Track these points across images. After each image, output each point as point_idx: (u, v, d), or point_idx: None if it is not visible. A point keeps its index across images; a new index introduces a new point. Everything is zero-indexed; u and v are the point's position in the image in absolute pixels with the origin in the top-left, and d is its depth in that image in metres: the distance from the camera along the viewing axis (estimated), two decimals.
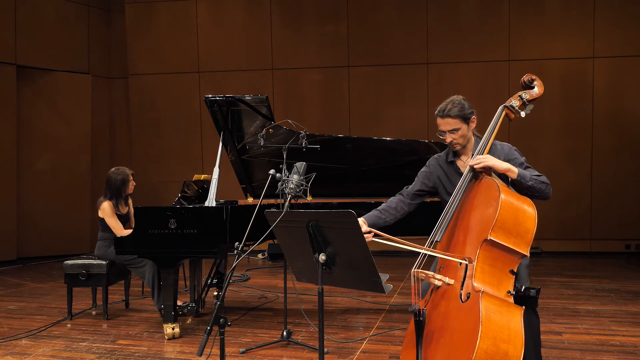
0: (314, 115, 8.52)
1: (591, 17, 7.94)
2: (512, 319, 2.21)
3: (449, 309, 2.37)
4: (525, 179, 2.55)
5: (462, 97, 2.78)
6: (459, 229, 2.54)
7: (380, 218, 2.86)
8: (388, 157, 4.78)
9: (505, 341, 2.15)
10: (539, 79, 2.79)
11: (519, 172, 2.56)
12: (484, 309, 2.17)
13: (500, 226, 2.34)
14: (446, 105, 2.75)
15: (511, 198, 2.41)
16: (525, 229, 2.38)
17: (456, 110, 2.72)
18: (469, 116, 2.74)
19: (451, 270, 2.46)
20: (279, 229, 2.46)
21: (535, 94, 2.74)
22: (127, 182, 4.86)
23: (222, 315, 2.48)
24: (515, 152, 2.76)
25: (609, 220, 8.00)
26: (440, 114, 2.75)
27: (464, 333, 2.21)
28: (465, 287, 2.33)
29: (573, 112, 8.03)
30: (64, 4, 8.69)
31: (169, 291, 4.17)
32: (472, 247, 2.40)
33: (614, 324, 4.39)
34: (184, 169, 8.28)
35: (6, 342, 4.16)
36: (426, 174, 2.95)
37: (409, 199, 2.94)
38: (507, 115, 2.74)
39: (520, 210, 2.40)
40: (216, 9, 8.91)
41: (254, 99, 4.31)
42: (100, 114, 9.22)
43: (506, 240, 2.35)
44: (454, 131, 2.73)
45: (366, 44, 8.48)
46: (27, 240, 8.36)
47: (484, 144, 2.67)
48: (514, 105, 2.71)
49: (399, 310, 4.91)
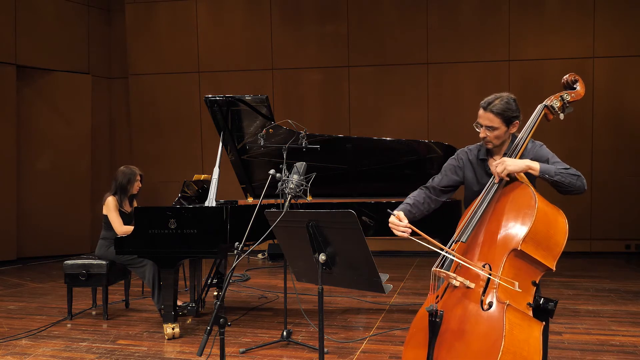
0: (314, 115, 8.52)
1: (591, 17, 7.94)
2: (532, 334, 2.14)
3: (467, 313, 2.25)
4: (549, 173, 2.36)
5: (512, 96, 2.57)
6: (485, 232, 2.40)
7: (412, 213, 2.61)
8: (388, 157, 4.78)
9: (524, 358, 2.08)
10: (582, 80, 2.61)
11: (541, 167, 2.37)
12: (507, 323, 2.09)
13: (532, 237, 2.23)
14: (493, 99, 2.54)
15: (546, 208, 2.29)
16: (556, 242, 2.27)
17: (501, 107, 2.50)
18: (512, 119, 2.53)
19: (472, 272, 2.33)
20: (279, 229, 2.46)
21: (576, 95, 2.56)
22: (132, 180, 4.88)
23: (222, 315, 2.48)
24: (544, 150, 2.57)
25: (609, 220, 8.00)
26: (483, 105, 2.54)
27: (483, 343, 2.12)
28: (487, 295, 2.22)
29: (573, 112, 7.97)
30: (64, 3, 8.69)
31: (169, 291, 4.17)
32: (497, 254, 2.28)
33: (614, 324, 4.38)
34: (184, 169, 8.28)
35: (6, 342, 4.16)
36: (455, 168, 2.74)
37: (435, 195, 2.72)
38: (546, 115, 2.56)
39: (554, 223, 2.28)
40: (216, 9, 8.91)
41: (254, 99, 4.31)
42: (100, 114, 9.22)
43: (535, 252, 2.24)
44: (491, 129, 2.53)
45: (366, 44, 8.48)
46: (27, 240, 8.36)
47: (520, 144, 2.51)
48: (554, 106, 2.54)
49: (399, 310, 4.91)
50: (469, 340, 2.18)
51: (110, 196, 4.81)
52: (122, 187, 4.85)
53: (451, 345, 2.22)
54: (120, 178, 4.86)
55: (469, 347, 2.16)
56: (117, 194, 4.84)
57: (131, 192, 4.91)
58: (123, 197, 4.87)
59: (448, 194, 2.76)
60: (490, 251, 2.32)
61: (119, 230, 4.68)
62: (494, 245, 2.32)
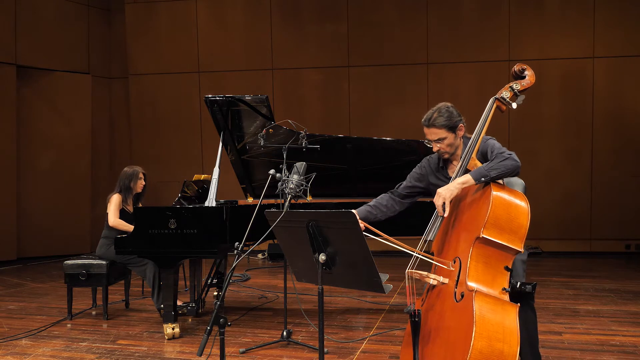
0: (314, 115, 8.52)
1: (591, 17, 7.94)
2: (507, 317, 2.20)
3: (444, 308, 2.36)
4: (483, 175, 2.42)
5: (449, 105, 2.72)
6: (452, 227, 2.53)
7: (371, 213, 2.80)
8: (388, 157, 4.78)
9: (500, 340, 2.14)
10: (531, 69, 2.71)
11: (473, 176, 2.45)
12: (477, 308, 2.16)
13: (493, 223, 2.31)
14: (432, 114, 2.70)
15: (502, 193, 2.37)
16: (519, 224, 2.34)
17: (442, 120, 2.66)
18: (455, 124, 2.68)
19: (445, 269, 2.45)
20: (279, 229, 2.46)
21: (526, 84, 2.67)
22: (135, 178, 4.93)
23: (222, 315, 2.48)
24: (488, 144, 2.63)
25: (609, 220, 8.00)
26: (425, 123, 2.72)
27: (458, 333, 2.21)
28: (459, 286, 2.32)
29: (573, 112, 8.02)
30: (64, 4, 8.69)
31: (169, 291, 4.17)
32: (465, 245, 2.38)
33: (614, 324, 4.38)
34: (184, 169, 8.27)
35: (6, 342, 4.16)
36: (418, 175, 2.92)
37: (399, 198, 2.90)
38: (499, 107, 2.66)
39: (513, 206, 2.36)
40: (216, 9, 8.92)
41: (254, 99, 4.31)
42: (100, 114, 9.22)
43: (499, 237, 2.32)
44: (440, 140, 2.69)
45: (366, 44, 8.48)
46: (27, 240, 8.36)
47: (474, 141, 2.60)
48: (504, 97, 2.64)
49: (399, 310, 4.91)
50: (447, 332, 2.28)
51: (115, 194, 4.89)
52: (126, 187, 4.92)
53: (433, 340, 2.33)
54: (124, 178, 4.94)
55: (448, 338, 2.27)
56: (122, 192, 4.91)
57: (135, 190, 4.96)
58: (128, 196, 4.93)
59: (412, 198, 2.93)
60: (459, 245, 2.43)
61: (112, 221, 4.77)
62: (460, 238, 2.44)
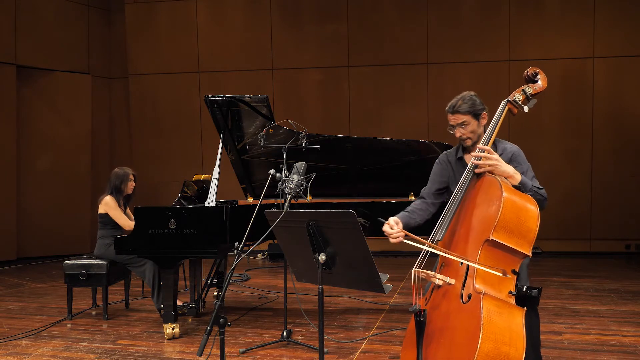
0: (314, 115, 8.52)
1: (591, 17, 7.94)
2: (514, 320, 2.18)
3: (450, 309, 2.34)
4: (526, 187, 2.50)
5: (473, 93, 2.72)
6: (460, 227, 2.50)
7: (412, 219, 2.77)
8: (388, 157, 4.78)
9: (506, 344, 2.12)
10: (543, 73, 2.71)
11: (522, 180, 2.50)
12: (485, 311, 2.14)
13: (503, 226, 2.29)
14: (457, 101, 2.69)
15: (514, 196, 2.36)
16: (528, 228, 2.33)
17: (466, 106, 2.66)
18: (479, 112, 2.67)
19: (452, 269, 2.43)
20: (279, 229, 2.46)
21: (538, 88, 2.66)
22: (126, 180, 4.91)
23: (222, 315, 2.48)
24: (523, 156, 2.69)
25: (609, 220, 8.00)
26: (450, 110, 2.70)
27: (465, 334, 2.19)
28: (467, 288, 2.30)
29: (573, 112, 8.03)
30: (64, 4, 8.69)
31: (169, 291, 4.17)
32: (473, 247, 2.36)
33: (614, 324, 4.38)
34: (184, 169, 8.27)
35: (6, 342, 4.16)
36: (439, 171, 2.89)
37: (430, 199, 2.87)
38: (510, 110, 2.67)
39: (523, 210, 2.34)
40: (216, 9, 8.91)
41: (254, 99, 4.31)
42: (100, 114, 9.22)
43: (508, 240, 2.30)
44: (464, 125, 2.67)
45: (366, 44, 8.47)
46: (27, 240, 8.36)
47: (486, 140, 2.62)
48: (517, 100, 2.65)
49: (399, 310, 4.91)
50: (453, 334, 2.26)
51: (107, 196, 4.84)
52: (117, 188, 4.89)
53: (438, 341, 2.30)
54: (114, 179, 4.91)
55: (453, 340, 2.24)
56: (113, 194, 4.87)
57: (126, 192, 4.94)
58: (118, 197, 4.89)
59: (443, 196, 2.89)
60: (467, 245, 2.41)
61: (126, 225, 4.75)
62: (469, 239, 2.42)
